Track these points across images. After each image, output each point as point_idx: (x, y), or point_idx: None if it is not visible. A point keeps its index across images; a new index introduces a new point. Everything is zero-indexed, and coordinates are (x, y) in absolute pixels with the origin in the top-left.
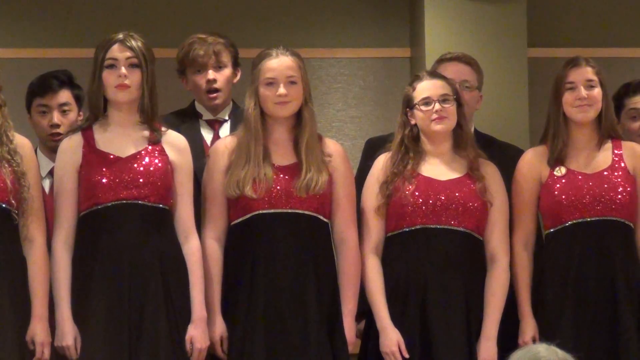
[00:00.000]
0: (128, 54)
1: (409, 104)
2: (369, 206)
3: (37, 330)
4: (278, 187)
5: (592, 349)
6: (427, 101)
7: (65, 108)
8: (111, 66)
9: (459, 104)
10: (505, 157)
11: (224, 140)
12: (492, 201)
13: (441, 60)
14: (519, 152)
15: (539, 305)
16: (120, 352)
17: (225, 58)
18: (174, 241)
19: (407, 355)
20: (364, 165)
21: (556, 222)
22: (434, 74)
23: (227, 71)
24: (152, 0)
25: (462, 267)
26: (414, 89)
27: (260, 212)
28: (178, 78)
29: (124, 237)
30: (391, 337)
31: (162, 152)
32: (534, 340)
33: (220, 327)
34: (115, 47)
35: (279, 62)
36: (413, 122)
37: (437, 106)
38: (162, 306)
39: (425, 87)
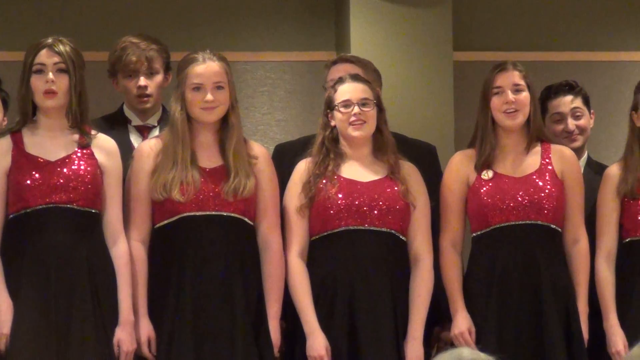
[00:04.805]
0: (56, 59)
1: (329, 105)
2: (292, 207)
3: None
4: (205, 190)
5: (517, 352)
6: (346, 104)
7: None
8: (39, 71)
9: (380, 109)
10: (417, 155)
11: (148, 142)
12: (415, 203)
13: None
14: (429, 148)
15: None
16: (47, 355)
17: (158, 64)
18: (103, 245)
19: None
20: (278, 170)
21: (482, 225)
22: (357, 77)
23: (158, 77)
24: (80, 3)
25: (388, 268)
26: (335, 91)
27: (187, 214)
28: (109, 80)
29: (53, 241)
30: (319, 342)
31: (92, 155)
32: (469, 332)
33: (146, 328)
34: (44, 52)
35: (206, 68)
36: (333, 123)
37: (356, 109)
38: (90, 309)
39: (346, 90)
